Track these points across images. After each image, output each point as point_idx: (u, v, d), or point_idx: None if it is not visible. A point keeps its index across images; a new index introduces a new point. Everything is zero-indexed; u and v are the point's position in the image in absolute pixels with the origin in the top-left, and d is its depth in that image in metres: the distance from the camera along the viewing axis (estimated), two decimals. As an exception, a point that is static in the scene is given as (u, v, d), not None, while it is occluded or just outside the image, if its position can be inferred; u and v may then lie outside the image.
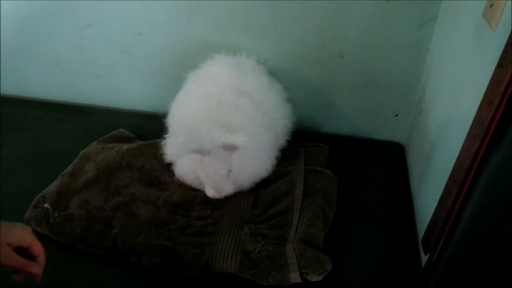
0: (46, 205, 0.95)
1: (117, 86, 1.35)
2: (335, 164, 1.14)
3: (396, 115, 1.24)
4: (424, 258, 0.88)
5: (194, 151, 0.90)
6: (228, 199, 1.01)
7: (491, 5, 0.69)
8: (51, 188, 1.00)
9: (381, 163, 1.18)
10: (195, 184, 1.03)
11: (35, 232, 0.92)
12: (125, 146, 1.13)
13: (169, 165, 1.07)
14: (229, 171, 0.96)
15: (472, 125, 0.68)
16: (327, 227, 0.96)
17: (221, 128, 0.91)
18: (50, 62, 1.34)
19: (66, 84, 1.38)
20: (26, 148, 1.19)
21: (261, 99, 1.06)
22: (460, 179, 0.70)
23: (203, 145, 0.88)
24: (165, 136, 1.05)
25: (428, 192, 0.95)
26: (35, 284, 0.69)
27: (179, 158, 1.02)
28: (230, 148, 0.91)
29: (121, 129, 1.23)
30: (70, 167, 1.07)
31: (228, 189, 0.97)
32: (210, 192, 0.97)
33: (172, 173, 1.06)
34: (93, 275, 0.88)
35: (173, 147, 0.99)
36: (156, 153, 1.11)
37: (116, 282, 0.87)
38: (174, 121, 1.06)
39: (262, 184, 1.04)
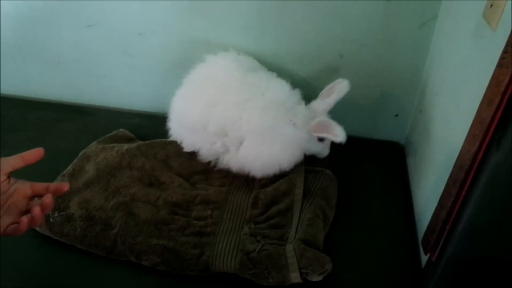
0: (46, 205, 0.95)
1: (117, 86, 1.35)
2: (335, 164, 1.14)
3: (396, 115, 1.24)
4: (424, 258, 0.88)
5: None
6: (228, 199, 1.01)
7: (491, 5, 0.69)
8: (51, 188, 1.00)
9: (381, 163, 1.18)
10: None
11: (34, 231, 0.93)
12: (125, 146, 1.12)
13: (170, 164, 1.07)
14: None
15: (472, 125, 0.68)
16: (327, 227, 0.96)
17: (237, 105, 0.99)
18: (50, 62, 1.34)
19: (66, 84, 1.38)
20: (26, 148, 1.18)
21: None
22: (460, 179, 0.70)
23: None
24: (171, 129, 1.12)
25: (428, 192, 0.95)
26: (34, 283, 0.69)
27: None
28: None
29: (121, 129, 1.23)
30: (70, 167, 1.07)
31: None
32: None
33: (172, 173, 1.06)
34: (93, 275, 0.88)
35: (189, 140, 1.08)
36: (156, 153, 1.11)
37: (116, 282, 0.87)
38: (179, 114, 1.09)
39: (262, 184, 1.04)
